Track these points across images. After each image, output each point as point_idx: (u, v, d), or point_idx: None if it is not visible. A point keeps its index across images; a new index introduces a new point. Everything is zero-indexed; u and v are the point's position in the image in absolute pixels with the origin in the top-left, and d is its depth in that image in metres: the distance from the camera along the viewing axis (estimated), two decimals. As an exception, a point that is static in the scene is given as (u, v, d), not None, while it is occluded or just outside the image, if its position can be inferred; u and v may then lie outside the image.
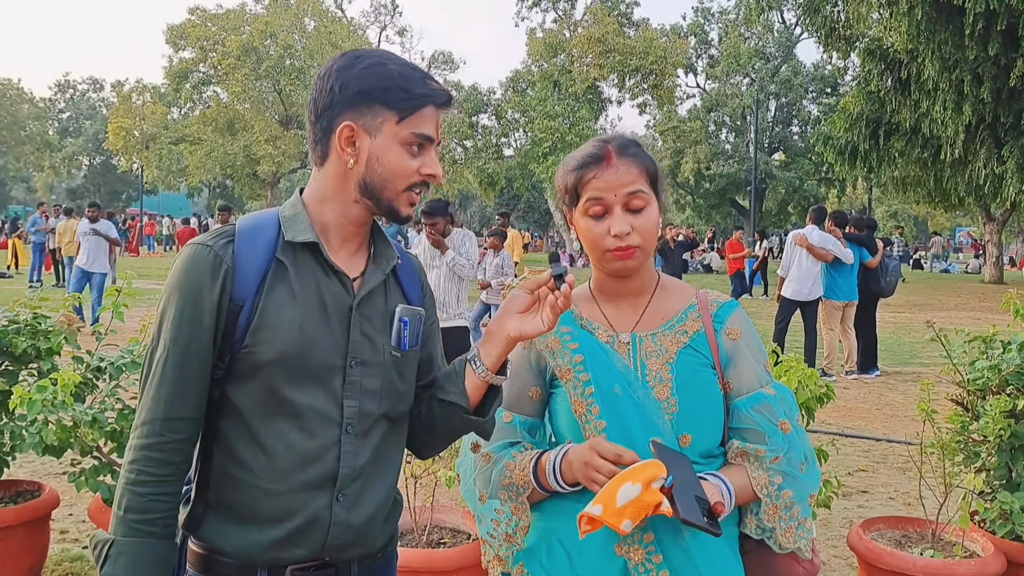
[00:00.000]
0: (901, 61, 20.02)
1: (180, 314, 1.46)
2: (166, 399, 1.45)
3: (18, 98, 56.76)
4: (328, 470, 1.51)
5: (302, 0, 40.22)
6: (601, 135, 1.86)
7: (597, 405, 1.69)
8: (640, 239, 1.69)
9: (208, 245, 1.48)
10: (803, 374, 3.37)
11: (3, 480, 3.97)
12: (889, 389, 9.31)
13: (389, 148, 1.48)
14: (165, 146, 39.84)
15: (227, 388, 1.50)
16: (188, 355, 1.45)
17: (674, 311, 1.79)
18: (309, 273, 1.51)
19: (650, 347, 1.75)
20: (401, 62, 1.52)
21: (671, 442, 1.67)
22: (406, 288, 1.66)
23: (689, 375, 1.72)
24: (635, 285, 1.79)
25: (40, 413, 3.18)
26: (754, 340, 1.79)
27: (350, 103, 1.48)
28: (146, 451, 1.45)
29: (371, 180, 1.50)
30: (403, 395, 1.62)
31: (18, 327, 3.72)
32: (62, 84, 68.97)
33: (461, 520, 3.65)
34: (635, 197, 1.68)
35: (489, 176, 37.91)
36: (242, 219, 1.57)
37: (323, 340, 1.50)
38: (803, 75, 42.62)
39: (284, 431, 1.48)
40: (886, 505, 5.31)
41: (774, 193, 41.89)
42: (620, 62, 35.68)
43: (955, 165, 20.29)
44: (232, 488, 1.51)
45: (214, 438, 1.53)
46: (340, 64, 1.51)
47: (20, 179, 67.42)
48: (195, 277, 1.46)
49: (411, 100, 1.48)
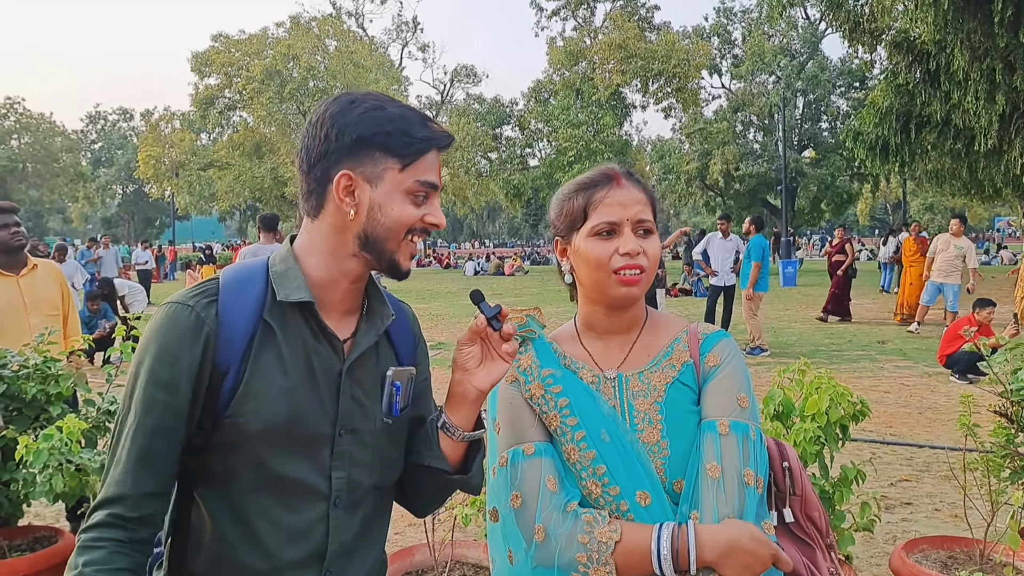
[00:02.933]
0: (929, 52, 19.63)
1: (154, 380, 1.34)
2: (135, 473, 1.33)
3: (51, 131, 57.83)
4: (315, 547, 1.41)
5: (323, 22, 40.56)
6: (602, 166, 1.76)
7: (592, 449, 1.56)
8: (647, 262, 1.60)
9: (189, 305, 1.36)
10: (834, 391, 3.21)
11: (20, 527, 3.93)
12: (931, 391, 9.03)
13: (392, 198, 1.38)
14: (194, 172, 40.34)
15: (208, 458, 1.39)
16: (161, 426, 1.33)
17: (660, 346, 1.68)
18: (298, 336, 1.40)
19: (637, 386, 1.63)
20: (400, 105, 1.42)
21: (658, 497, 1.53)
22: (397, 345, 1.56)
23: (679, 415, 1.59)
24: (626, 320, 1.68)
25: (47, 462, 3.12)
26: (735, 371, 1.63)
27: (348, 151, 1.37)
28: (111, 530, 1.31)
29: (372, 232, 1.38)
30: (394, 463, 1.52)
31: (27, 372, 3.67)
32: (93, 116, 70.60)
33: (483, 555, 3.53)
34: (643, 223, 1.62)
35: (515, 187, 37.87)
36: (226, 271, 1.45)
37: (312, 410, 1.40)
38: (830, 70, 42.05)
39: (269, 507, 1.38)
40: (931, 518, 5.09)
41: (805, 191, 41.28)
42: (642, 67, 35.48)
43: (990, 155, 19.82)
44: (212, 564, 1.40)
45: (192, 510, 1.42)
46: (334, 109, 1.39)
47: (56, 210, 68.72)
48: (173, 341, 1.34)
49: (414, 145, 1.38)
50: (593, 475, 1.56)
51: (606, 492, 1.55)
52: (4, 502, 3.68)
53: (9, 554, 3.72)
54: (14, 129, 56.11)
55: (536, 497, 1.53)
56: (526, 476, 1.56)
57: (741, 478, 1.51)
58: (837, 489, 3.16)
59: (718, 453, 1.52)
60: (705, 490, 1.50)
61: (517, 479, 1.56)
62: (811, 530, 1.79)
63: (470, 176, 37.40)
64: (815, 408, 3.14)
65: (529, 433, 1.62)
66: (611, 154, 33.28)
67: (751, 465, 1.53)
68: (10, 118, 56.06)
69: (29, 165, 54.73)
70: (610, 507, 1.54)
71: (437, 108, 49.67)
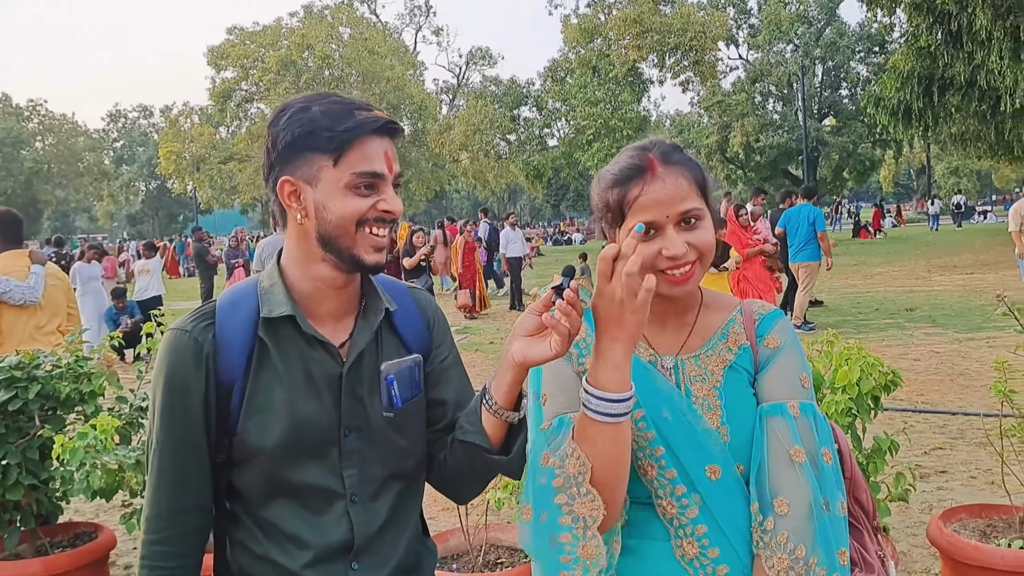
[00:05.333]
0: (950, 12, 19.28)
1: (169, 405, 1.43)
2: (167, 491, 1.44)
3: (73, 131, 58.38)
4: (343, 540, 1.45)
5: (336, 10, 40.55)
6: (636, 142, 1.61)
7: (651, 430, 1.50)
8: (697, 255, 1.49)
9: (187, 331, 1.44)
10: (865, 362, 3.17)
11: (60, 524, 3.99)
12: (963, 358, 8.92)
13: (332, 195, 1.38)
14: (215, 166, 40.56)
15: (230, 474, 1.47)
16: (183, 446, 1.43)
17: (715, 327, 1.61)
18: (292, 347, 1.44)
19: (694, 371, 1.56)
20: (329, 101, 1.41)
21: (729, 471, 1.50)
22: (403, 333, 1.55)
23: (738, 400, 1.54)
24: (681, 304, 1.60)
25: (83, 460, 3.16)
26: (794, 352, 1.58)
27: (284, 157, 1.40)
28: (156, 546, 1.44)
29: (325, 232, 1.40)
30: (408, 451, 1.52)
31: (61, 372, 3.72)
32: (114, 114, 71.12)
33: (517, 538, 3.54)
34: (691, 212, 1.48)
35: (535, 168, 37.68)
36: (222, 295, 1.52)
37: (316, 417, 1.44)
38: (848, 36, 41.42)
39: (290, 511, 1.44)
40: (967, 486, 5.04)
41: (828, 160, 40.80)
42: (659, 41, 35.06)
43: (1016, 116, 19.49)
44: (248, 567, 1.48)
45: (227, 523, 1.51)
46: (271, 120, 1.43)
47: (82, 209, 69.48)
48: (179, 366, 1.42)
49: (337, 138, 1.36)
50: (650, 456, 1.50)
51: (661, 475, 1.50)
52: (44, 500, 3.74)
53: (51, 551, 3.79)
54: (38, 131, 56.71)
55: None
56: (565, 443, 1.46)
57: (821, 458, 1.48)
58: (871, 460, 3.13)
59: (796, 436, 1.47)
60: (789, 476, 1.45)
61: (555, 443, 1.45)
62: (858, 512, 1.76)
63: (490, 159, 37.27)
64: (846, 380, 3.10)
65: (573, 405, 1.49)
66: (630, 131, 32.95)
67: (827, 444, 1.50)
68: (33, 120, 56.63)
69: (54, 166, 55.31)
70: (664, 490, 1.50)
71: (454, 91, 49.55)
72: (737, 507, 1.50)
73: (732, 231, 9.80)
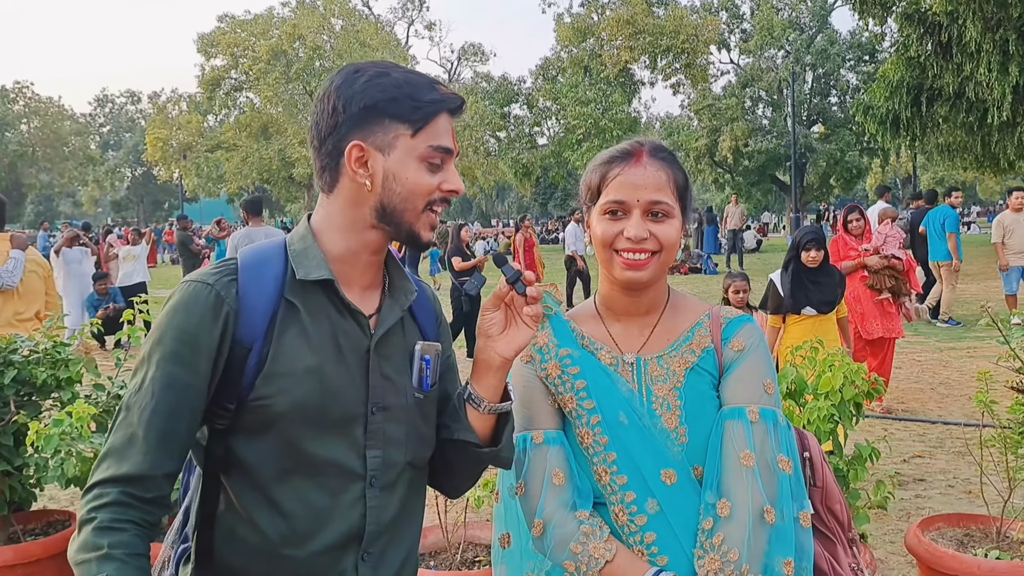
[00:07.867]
0: (941, 24, 19.39)
1: (173, 358, 1.30)
2: (155, 453, 1.28)
3: (59, 115, 57.76)
4: (353, 529, 1.38)
5: (329, 1, 40.31)
6: (638, 137, 1.70)
7: (605, 435, 1.53)
8: (657, 246, 1.53)
9: (208, 284, 1.34)
10: (848, 369, 3.18)
11: (33, 511, 3.95)
12: (943, 367, 8.97)
13: (406, 165, 1.35)
14: (202, 154, 40.27)
15: (234, 443, 1.35)
16: (181, 405, 1.30)
17: (681, 330, 1.63)
18: (322, 313, 1.38)
19: (656, 371, 1.58)
20: (404, 69, 1.39)
21: (685, 476, 1.51)
22: (421, 322, 1.53)
23: (698, 401, 1.56)
24: (645, 302, 1.63)
25: (58, 448, 3.12)
26: (760, 357, 1.59)
27: (356, 121, 1.34)
28: (130, 510, 1.26)
29: (389, 202, 1.36)
30: (428, 440, 1.49)
31: (38, 357, 3.67)
32: (101, 99, 70.31)
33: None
34: (657, 205, 1.53)
35: (524, 167, 37.69)
36: (243, 252, 1.43)
37: (343, 388, 1.37)
38: (839, 44, 41.57)
39: (303, 490, 1.35)
40: (945, 494, 5.06)
41: (815, 167, 40.93)
42: (651, 43, 35.12)
43: (1003, 128, 19.61)
44: (244, 554, 1.37)
45: (219, 499, 1.38)
46: (339, 81, 1.38)
47: (66, 194, 68.85)
48: (194, 318, 1.32)
49: (422, 109, 1.35)
50: (604, 462, 1.54)
51: (613, 480, 1.53)
52: (17, 487, 3.70)
53: (24, 538, 3.75)
54: (23, 113, 56.05)
55: (540, 490, 1.54)
56: (532, 466, 1.56)
57: (775, 464, 1.49)
58: (851, 467, 3.14)
59: (750, 440, 1.49)
60: (737, 479, 1.47)
61: (523, 468, 1.56)
62: (832, 523, 1.76)
63: (479, 156, 37.19)
64: (829, 386, 3.11)
65: (540, 419, 1.60)
66: (620, 132, 32.98)
67: (784, 451, 1.51)
68: (19, 102, 56.02)
69: (39, 149, 54.73)
70: (615, 496, 1.52)
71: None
72: (693, 512, 1.51)
73: (835, 242, 7.38)
